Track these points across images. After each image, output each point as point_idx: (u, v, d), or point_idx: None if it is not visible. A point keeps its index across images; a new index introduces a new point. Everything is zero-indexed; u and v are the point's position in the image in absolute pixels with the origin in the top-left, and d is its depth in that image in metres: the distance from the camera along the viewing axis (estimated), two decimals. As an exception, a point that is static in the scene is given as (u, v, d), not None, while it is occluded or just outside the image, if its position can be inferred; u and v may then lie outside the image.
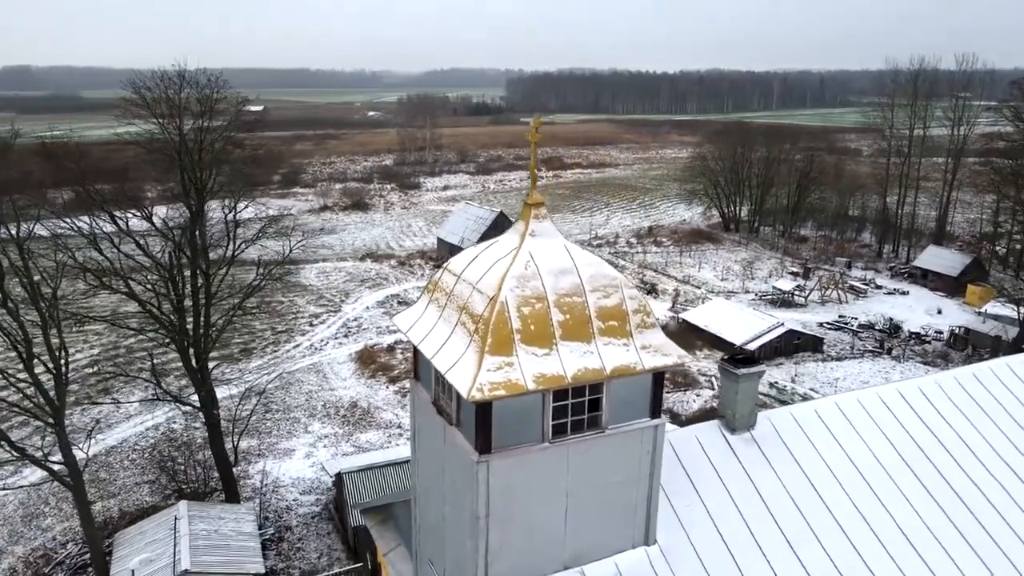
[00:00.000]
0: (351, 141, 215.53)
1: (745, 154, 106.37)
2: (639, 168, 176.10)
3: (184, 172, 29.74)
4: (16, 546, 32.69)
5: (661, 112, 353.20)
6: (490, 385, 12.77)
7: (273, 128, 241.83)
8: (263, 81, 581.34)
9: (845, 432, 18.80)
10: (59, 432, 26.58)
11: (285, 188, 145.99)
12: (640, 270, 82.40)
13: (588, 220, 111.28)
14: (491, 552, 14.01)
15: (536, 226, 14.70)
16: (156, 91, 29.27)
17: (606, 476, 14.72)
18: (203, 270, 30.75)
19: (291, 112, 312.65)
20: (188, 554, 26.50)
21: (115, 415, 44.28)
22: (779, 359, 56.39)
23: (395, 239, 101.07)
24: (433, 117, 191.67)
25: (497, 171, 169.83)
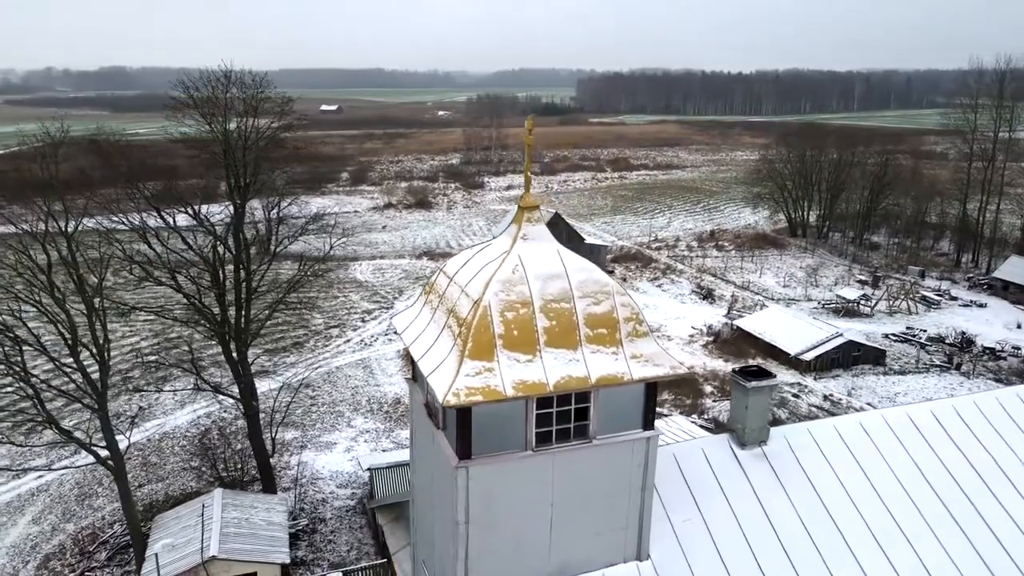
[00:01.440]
0: (419, 140, 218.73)
1: (815, 157, 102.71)
2: (707, 170, 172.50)
3: (228, 170, 30.62)
4: (68, 523, 34.42)
5: (734, 113, 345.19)
6: (467, 390, 12.62)
7: (345, 127, 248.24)
8: (339, 81, 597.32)
9: (867, 452, 17.83)
10: (102, 417, 27.82)
11: (352, 185, 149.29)
12: (698, 275, 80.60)
13: (649, 222, 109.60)
14: (471, 559, 13.86)
15: (529, 230, 14.47)
16: (204, 91, 30.27)
17: (594, 487, 14.36)
18: (244, 265, 31.60)
19: (364, 111, 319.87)
20: (217, 541, 27.31)
21: (169, 403, 46.09)
22: (836, 371, 54.17)
23: (455, 238, 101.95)
24: (499, 117, 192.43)
25: (562, 171, 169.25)
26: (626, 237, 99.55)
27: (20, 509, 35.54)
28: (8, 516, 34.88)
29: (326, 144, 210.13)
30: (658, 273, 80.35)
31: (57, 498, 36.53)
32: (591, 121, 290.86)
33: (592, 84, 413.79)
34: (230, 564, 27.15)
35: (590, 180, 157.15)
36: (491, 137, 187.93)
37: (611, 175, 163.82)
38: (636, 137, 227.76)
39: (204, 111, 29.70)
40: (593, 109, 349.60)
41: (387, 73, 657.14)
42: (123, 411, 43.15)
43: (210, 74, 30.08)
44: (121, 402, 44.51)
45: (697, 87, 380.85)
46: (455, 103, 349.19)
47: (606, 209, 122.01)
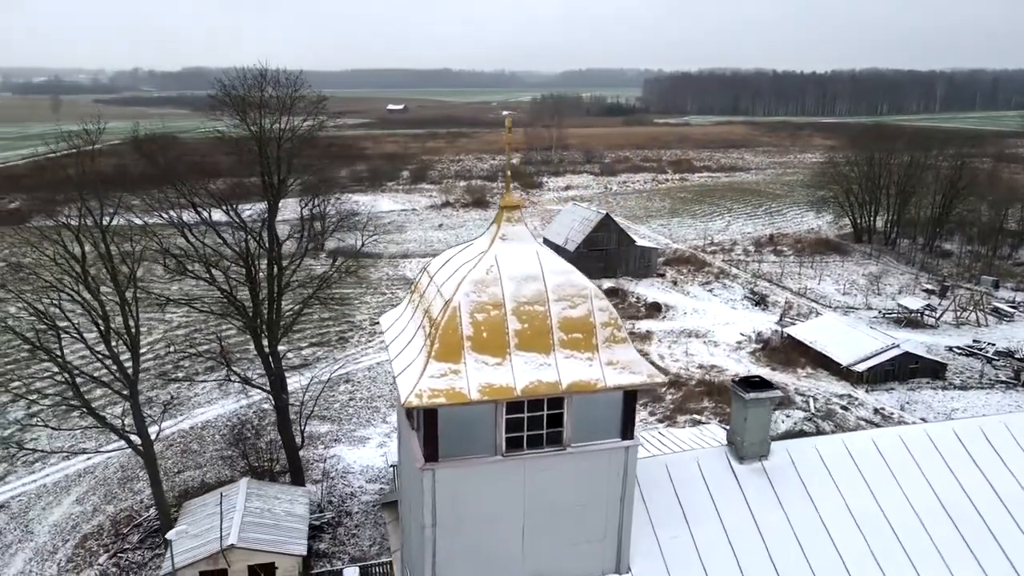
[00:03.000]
0: (480, 140, 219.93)
1: (884, 159, 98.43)
2: (772, 173, 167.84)
3: (262, 167, 31.26)
4: (108, 505, 35.81)
5: (806, 114, 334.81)
6: (430, 392, 12.42)
7: (410, 126, 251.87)
8: (407, 81, 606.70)
9: (877, 471, 16.84)
10: (133, 404, 28.82)
11: (412, 184, 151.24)
12: (752, 280, 78.35)
13: (706, 225, 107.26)
14: (439, 563, 13.66)
15: (508, 230, 14.17)
16: (240, 90, 30.98)
17: (569, 496, 13.96)
18: (276, 261, 32.21)
19: (429, 111, 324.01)
20: (237, 530, 27.92)
21: (215, 392, 47.44)
22: (891, 384, 51.71)
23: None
24: (560, 117, 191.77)
25: (622, 172, 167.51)
26: (681, 240, 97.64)
27: (66, 489, 37.16)
28: (55, 496, 36.51)
29: (390, 143, 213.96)
30: (710, 277, 78.45)
31: (102, 480, 38.04)
32: (655, 122, 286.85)
33: (659, 84, 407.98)
34: (249, 553, 27.72)
35: (650, 181, 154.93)
36: (551, 137, 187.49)
37: (672, 177, 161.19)
38: (700, 138, 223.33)
39: (238, 109, 30.37)
40: (659, 109, 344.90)
41: (454, 73, 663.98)
42: (158, 399, 44.55)
43: (246, 73, 30.76)
44: (155, 392, 46.02)
45: (767, 87, 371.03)
46: (519, 103, 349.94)
47: (663, 211, 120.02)
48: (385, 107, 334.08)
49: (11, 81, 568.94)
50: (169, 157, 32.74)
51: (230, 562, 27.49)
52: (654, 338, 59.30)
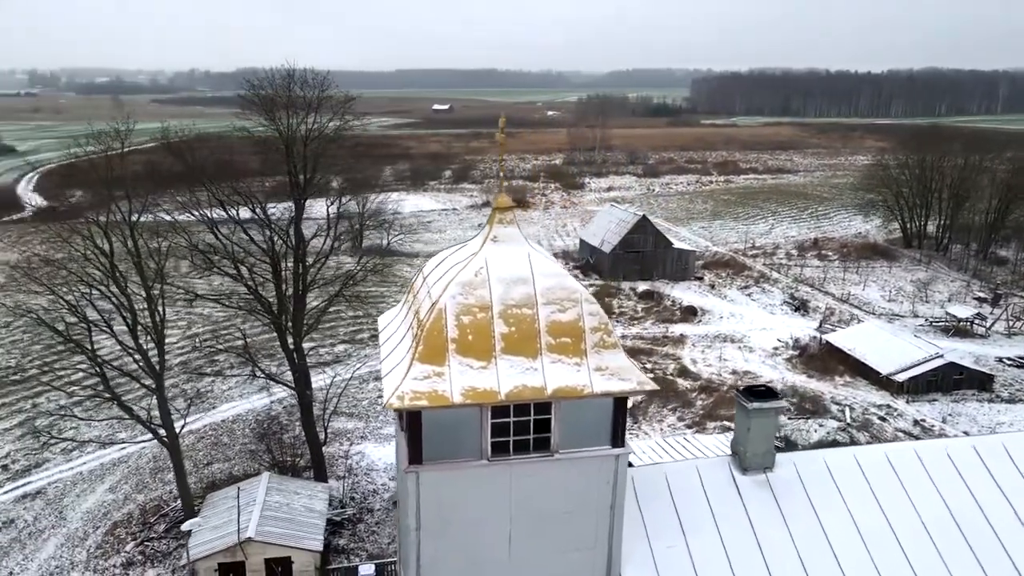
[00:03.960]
0: (524, 140, 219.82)
1: (936, 162, 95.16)
2: (820, 175, 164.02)
3: (289, 166, 31.67)
4: (139, 494, 36.75)
5: (860, 116, 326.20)
6: (412, 394, 12.34)
7: (455, 126, 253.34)
8: (454, 81, 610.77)
9: (889, 487, 16.18)
10: (159, 397, 29.51)
11: (454, 183, 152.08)
12: (793, 285, 76.55)
13: (748, 228, 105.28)
14: (423, 567, 13.57)
15: (500, 231, 14.01)
16: (268, 90, 31.46)
17: (558, 503, 13.73)
18: (301, 259, 32.61)
19: (474, 111, 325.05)
20: (255, 523, 28.34)
21: (246, 387, 48.32)
22: (933, 395, 49.90)
23: (547, 238, 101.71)
24: (604, 117, 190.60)
25: (665, 174, 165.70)
26: (722, 243, 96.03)
27: (101, 477, 38.26)
28: (89, 483, 37.63)
29: (434, 142, 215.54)
30: (750, 281, 76.93)
31: (134, 470, 39.06)
32: (702, 123, 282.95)
33: (707, 84, 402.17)
34: (266, 546, 28.11)
35: (694, 183, 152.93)
36: (595, 138, 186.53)
37: (716, 178, 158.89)
38: (748, 139, 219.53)
39: (266, 109, 30.83)
40: (706, 110, 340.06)
41: (500, 73, 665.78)
42: (189, 393, 45.45)
43: (274, 73, 31.21)
44: (190, 384, 47.01)
45: (820, 87, 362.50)
46: (565, 103, 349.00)
47: (705, 213, 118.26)
48: (431, 107, 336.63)
49: (75, 81, 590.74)
50: (198, 156, 33.41)
51: (247, 555, 27.92)
52: (687, 342, 58.39)
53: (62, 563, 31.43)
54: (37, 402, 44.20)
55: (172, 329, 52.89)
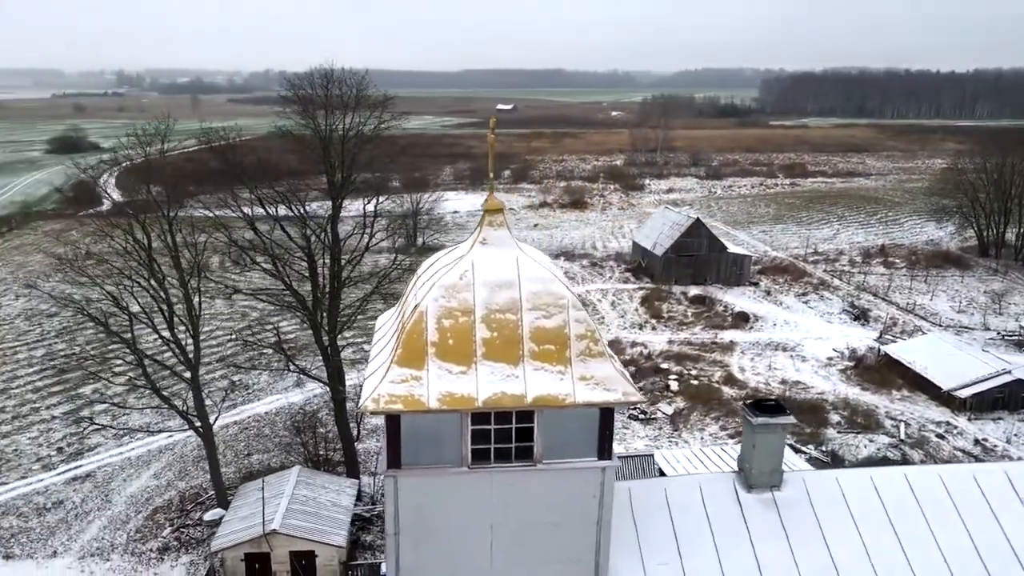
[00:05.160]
0: (586, 140, 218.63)
1: (1018, 165, 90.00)
2: (894, 179, 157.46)
3: (326, 165, 32.10)
4: (181, 482, 37.93)
5: (941, 117, 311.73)
6: (388, 397, 12.18)
7: (518, 125, 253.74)
8: (520, 81, 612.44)
9: (906, 512, 15.18)
10: (194, 388, 30.33)
11: (513, 183, 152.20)
12: (855, 293, 73.57)
13: (811, 233, 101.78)
14: (403, 571, 13.40)
15: (489, 234, 13.70)
16: (308, 90, 31.96)
17: (541, 514, 13.35)
18: (337, 257, 33.02)
19: (538, 111, 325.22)
20: (281, 516, 28.82)
21: (289, 380, 49.33)
22: (999, 412, 47.07)
23: (602, 239, 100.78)
24: (667, 118, 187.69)
25: (728, 176, 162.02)
26: (782, 248, 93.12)
27: (147, 463, 39.65)
28: (136, 469, 39.04)
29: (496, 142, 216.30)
30: (808, 288, 74.30)
31: (179, 457, 40.33)
32: (770, 124, 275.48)
33: (778, 84, 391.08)
34: (290, 539, 28.55)
35: (758, 186, 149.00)
36: (657, 139, 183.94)
37: (782, 181, 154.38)
38: (818, 141, 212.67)
39: (304, 108, 31.30)
40: (776, 111, 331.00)
41: (567, 73, 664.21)
42: (228, 386, 46.55)
43: (313, 74, 31.66)
44: (237, 377, 48.23)
45: (898, 87, 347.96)
46: (630, 103, 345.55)
47: (767, 217, 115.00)
48: (495, 106, 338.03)
49: (158, 82, 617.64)
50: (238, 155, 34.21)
51: (272, 546, 28.41)
52: (736, 349, 56.76)
53: (103, 545, 32.66)
54: (83, 391, 46.02)
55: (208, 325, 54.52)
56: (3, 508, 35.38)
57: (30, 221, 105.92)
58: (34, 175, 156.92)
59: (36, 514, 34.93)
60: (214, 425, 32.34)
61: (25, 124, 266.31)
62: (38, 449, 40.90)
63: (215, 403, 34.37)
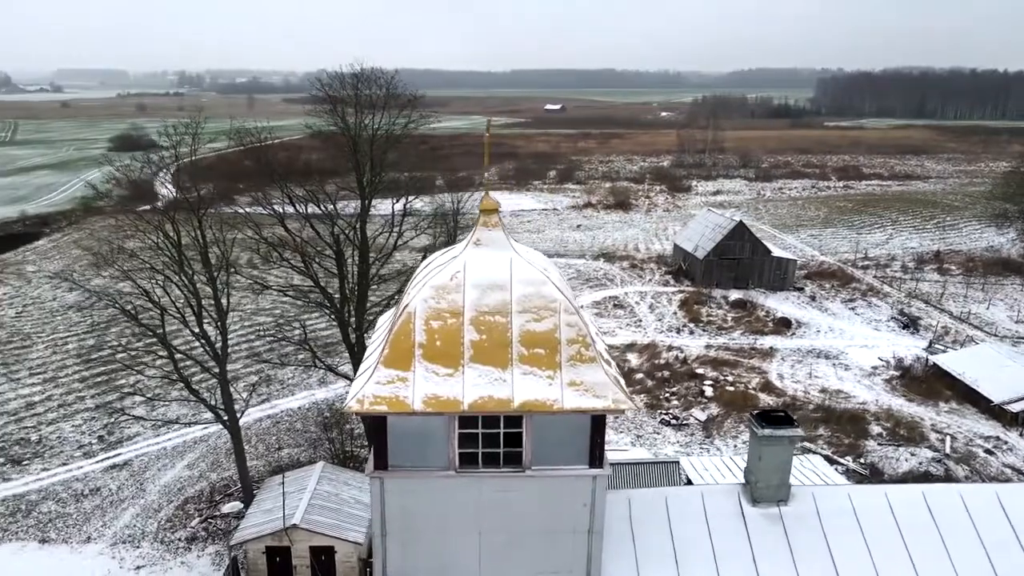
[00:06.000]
0: (633, 141, 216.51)
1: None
2: (954, 182, 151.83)
3: (356, 165, 32.36)
4: (213, 473, 38.71)
5: (1009, 118, 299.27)
6: (373, 399, 12.06)
7: (566, 125, 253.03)
8: (570, 81, 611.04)
9: (922, 533, 14.41)
10: (221, 381, 30.87)
11: (558, 183, 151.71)
12: (905, 300, 71.06)
13: (862, 237, 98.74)
14: (390, 574, 13.27)
15: (484, 234, 13.47)
16: (337, 90, 32.26)
17: (530, 522, 13.06)
18: (365, 256, 33.26)
19: (586, 111, 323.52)
20: (303, 511, 29.10)
21: (325, 376, 49.92)
22: (1053, 429, 44.83)
23: (645, 241, 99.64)
24: (716, 119, 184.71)
25: (779, 178, 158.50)
26: (830, 252, 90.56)
27: (182, 454, 40.57)
28: (171, 459, 39.99)
29: (542, 142, 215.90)
30: (856, 294, 72.05)
31: (212, 449, 41.16)
32: (825, 125, 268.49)
33: (834, 84, 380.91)
34: (311, 534, 28.78)
35: (809, 188, 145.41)
36: (706, 139, 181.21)
37: (835, 184, 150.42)
38: (874, 143, 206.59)
39: (334, 108, 31.59)
40: (832, 112, 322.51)
41: (617, 73, 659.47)
42: (257, 381, 47.18)
43: (342, 75, 31.95)
44: (272, 373, 48.92)
45: (963, 88, 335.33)
46: (680, 103, 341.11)
47: (817, 220, 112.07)
48: (543, 107, 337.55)
49: (217, 82, 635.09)
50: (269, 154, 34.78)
51: (293, 541, 28.70)
52: (776, 356, 55.32)
53: (135, 532, 33.51)
54: (125, 382, 47.31)
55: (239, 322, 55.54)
56: (43, 493, 36.64)
57: (89, 216, 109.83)
58: (95, 172, 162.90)
59: (74, 500, 36.06)
60: (241, 419, 32.85)
61: (90, 123, 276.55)
62: (80, 437, 42.27)
63: (243, 398, 34.89)
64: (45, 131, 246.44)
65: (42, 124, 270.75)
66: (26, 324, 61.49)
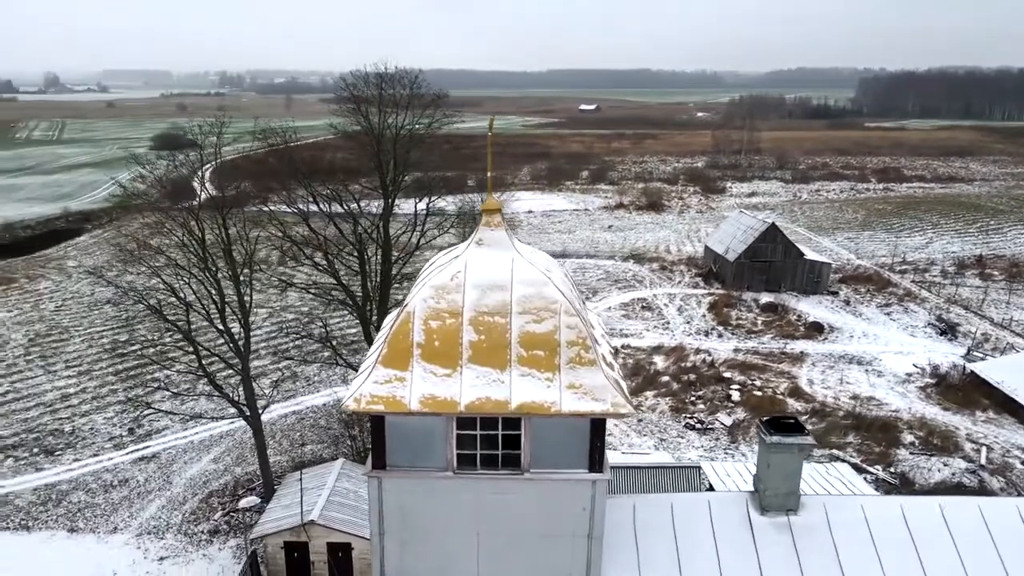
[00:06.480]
0: (668, 141, 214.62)
1: None
2: (1000, 185, 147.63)
3: (379, 164, 32.54)
4: (238, 467, 39.24)
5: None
6: (370, 397, 12.04)
7: (600, 126, 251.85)
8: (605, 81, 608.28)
9: (939, 547, 13.92)
10: (244, 377, 31.28)
11: (590, 184, 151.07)
12: (944, 305, 69.18)
13: (901, 241, 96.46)
14: (388, 574, 13.24)
15: (485, 234, 13.36)
16: (361, 90, 32.46)
17: (528, 526, 12.92)
18: (387, 254, 33.43)
19: (621, 111, 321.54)
20: (320, 507, 29.31)
21: (350, 373, 50.34)
22: (1097, 441, 43.20)
23: (676, 243, 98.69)
24: (753, 119, 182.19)
25: (816, 180, 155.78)
26: (867, 256, 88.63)
27: (208, 448, 41.22)
28: (197, 452, 40.66)
29: (575, 142, 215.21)
30: (892, 299, 70.36)
31: (238, 443, 41.73)
32: (866, 126, 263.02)
33: (876, 84, 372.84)
34: (328, 531, 28.98)
35: (847, 191, 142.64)
36: (742, 140, 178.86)
37: (874, 186, 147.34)
38: (917, 144, 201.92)
39: (357, 107, 31.80)
40: (874, 112, 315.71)
41: (653, 73, 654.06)
42: (281, 376, 47.62)
43: (366, 75, 32.15)
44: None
45: (1011, 87, 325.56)
46: (717, 104, 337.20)
47: (854, 223, 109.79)
48: (577, 107, 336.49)
49: (256, 82, 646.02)
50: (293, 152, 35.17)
51: (310, 537, 28.94)
52: (807, 360, 54.26)
53: (159, 523, 34.12)
54: (155, 376, 48.18)
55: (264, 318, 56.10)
56: (74, 483, 37.52)
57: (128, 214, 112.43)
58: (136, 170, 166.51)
59: (103, 491, 36.86)
60: (263, 414, 33.24)
61: (133, 122, 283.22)
62: (111, 429, 43.22)
63: (265, 394, 35.30)
64: (90, 130, 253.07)
65: (88, 123, 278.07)
66: (64, 318, 63.13)
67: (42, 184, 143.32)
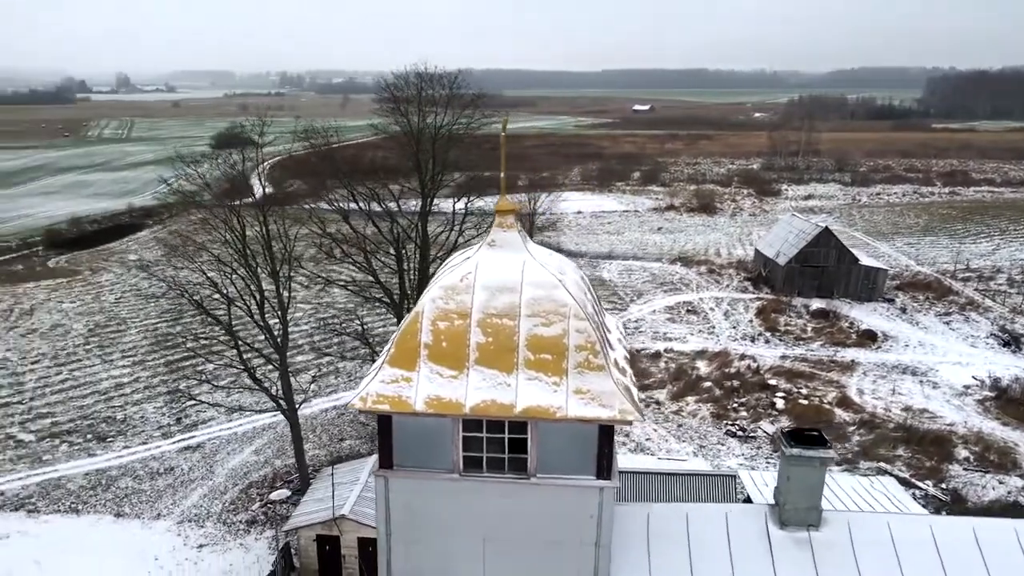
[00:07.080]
0: (723, 142, 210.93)
1: None
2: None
3: (418, 163, 32.76)
4: (278, 459, 40.02)
5: None
6: (376, 397, 12.05)
7: (653, 126, 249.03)
8: (660, 81, 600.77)
9: (969, 569, 13.19)
10: (282, 371, 31.86)
11: (642, 185, 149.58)
12: (1009, 315, 66.13)
13: (964, 247, 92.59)
14: (394, 574, 13.24)
15: (499, 236, 13.24)
16: (402, 90, 32.74)
17: (534, 531, 12.75)
18: (425, 253, 33.63)
19: (675, 111, 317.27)
20: (352, 502, 29.64)
21: (392, 370, 50.89)
22: None
23: (727, 246, 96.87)
24: (812, 119, 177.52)
25: (877, 183, 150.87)
26: (928, 262, 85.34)
27: (251, 439, 42.16)
28: (240, 444, 41.62)
29: (628, 142, 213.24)
30: (953, 308, 67.56)
31: (279, 436, 42.53)
32: (933, 127, 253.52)
33: (944, 84, 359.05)
34: (359, 526, 29.28)
35: (910, 194, 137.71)
36: (799, 142, 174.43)
37: (939, 190, 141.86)
38: (986, 146, 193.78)
39: (397, 107, 32.07)
40: (941, 113, 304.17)
41: (710, 73, 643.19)
42: (318, 372, 48.23)
43: (406, 76, 32.41)
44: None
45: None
46: (775, 104, 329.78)
47: (915, 228, 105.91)
48: (631, 107, 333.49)
49: (315, 82, 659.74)
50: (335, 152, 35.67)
51: (342, 531, 29.29)
52: (858, 369, 52.51)
53: (200, 512, 35.04)
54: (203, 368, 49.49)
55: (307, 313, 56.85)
56: (123, 469, 38.84)
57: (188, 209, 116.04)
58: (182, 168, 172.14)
59: (149, 478, 38.05)
60: (306, 409, 33.81)
61: (196, 121, 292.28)
62: (160, 418, 44.60)
63: (303, 388, 35.87)
64: (156, 129, 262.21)
65: (155, 122, 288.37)
66: (123, 309, 65.51)
67: (111, 180, 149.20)
